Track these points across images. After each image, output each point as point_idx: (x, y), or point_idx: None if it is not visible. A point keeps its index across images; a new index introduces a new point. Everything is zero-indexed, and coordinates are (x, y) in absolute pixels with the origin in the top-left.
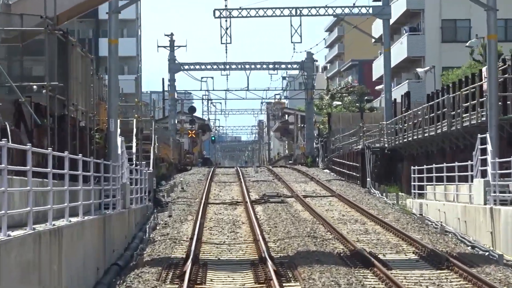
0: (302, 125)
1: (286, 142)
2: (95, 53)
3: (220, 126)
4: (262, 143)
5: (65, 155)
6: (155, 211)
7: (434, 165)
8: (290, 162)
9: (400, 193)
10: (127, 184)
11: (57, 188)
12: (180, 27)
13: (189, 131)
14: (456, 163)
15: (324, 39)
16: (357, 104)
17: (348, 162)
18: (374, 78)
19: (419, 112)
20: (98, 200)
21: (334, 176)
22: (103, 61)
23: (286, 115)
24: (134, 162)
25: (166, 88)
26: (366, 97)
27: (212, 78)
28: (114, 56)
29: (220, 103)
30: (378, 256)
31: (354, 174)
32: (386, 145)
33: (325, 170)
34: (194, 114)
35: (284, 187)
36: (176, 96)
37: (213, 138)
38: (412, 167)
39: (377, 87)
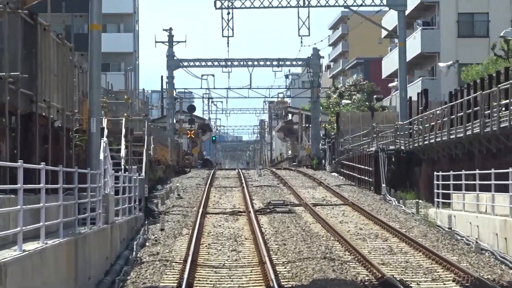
0: (307, 125)
1: (289, 142)
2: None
3: (221, 126)
4: (264, 143)
5: (19, 165)
6: (146, 222)
7: (463, 171)
8: (294, 163)
9: (417, 200)
10: (110, 194)
11: (11, 209)
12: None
13: (188, 131)
14: (493, 170)
15: (328, 36)
16: (367, 103)
17: (359, 166)
18: (384, 76)
19: (438, 112)
20: (72, 216)
21: (344, 180)
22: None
23: (290, 115)
24: (123, 167)
25: (165, 86)
26: (375, 96)
27: (213, 75)
28: (97, 43)
29: (221, 102)
30: (412, 286)
31: (366, 178)
32: (402, 147)
33: (333, 174)
34: (194, 113)
35: (290, 193)
36: (175, 95)
37: (214, 138)
38: (436, 173)
39: (390, 84)
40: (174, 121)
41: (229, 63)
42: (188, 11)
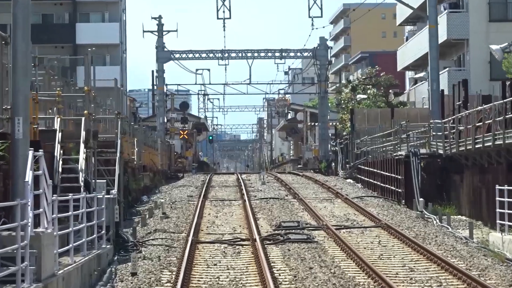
0: (313, 124)
1: (292, 142)
2: (72, 40)
3: (218, 125)
4: (264, 142)
5: None
6: (115, 259)
7: None
8: (299, 166)
9: (458, 216)
10: (46, 234)
11: None
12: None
13: (181, 132)
14: None
15: (329, 32)
16: (383, 98)
17: (382, 172)
18: (399, 68)
19: (488, 109)
20: None
21: (364, 190)
22: (81, 49)
23: (291, 113)
24: (82, 183)
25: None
26: (393, 90)
27: (209, 70)
28: (23, 7)
29: (218, 99)
30: None
31: (393, 188)
32: (440, 152)
33: (349, 181)
34: (187, 111)
35: (304, 208)
36: (166, 90)
37: (210, 137)
38: (499, 186)
39: (417, 75)
40: (165, 120)
41: (226, 54)
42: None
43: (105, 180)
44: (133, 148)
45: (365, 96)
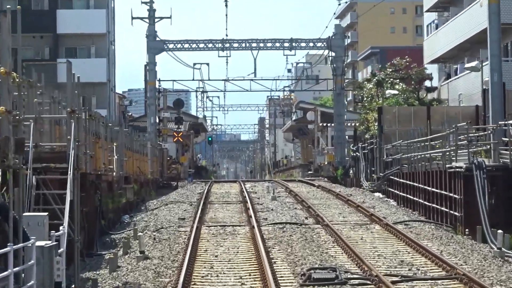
0: (325, 125)
1: (299, 145)
2: (52, 29)
3: (218, 125)
4: (266, 144)
5: None
6: None
7: None
8: (309, 173)
9: None
10: None
11: None
12: None
13: (175, 133)
14: None
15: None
16: (414, 95)
17: (427, 188)
18: (427, 60)
19: None
20: None
21: (399, 207)
22: (62, 40)
23: (298, 112)
24: None
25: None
26: (424, 86)
27: (208, 64)
28: None
29: (218, 97)
30: None
31: (444, 209)
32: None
33: (377, 195)
34: (183, 110)
35: (334, 240)
36: (159, 86)
37: (209, 139)
38: None
39: (467, 65)
40: (157, 121)
41: (227, 45)
42: None
43: (46, 214)
44: (112, 155)
45: (396, 92)
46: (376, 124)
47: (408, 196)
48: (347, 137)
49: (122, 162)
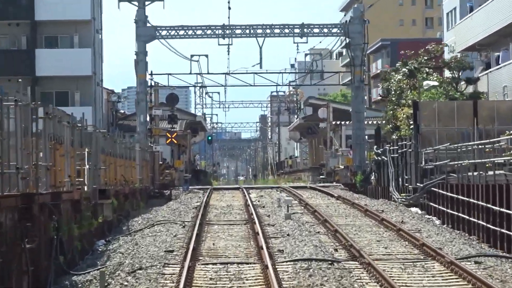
0: (338, 123)
1: (307, 144)
2: (30, 16)
3: (219, 123)
4: (269, 142)
5: None
6: None
7: None
8: (321, 178)
9: None
10: None
11: None
12: None
13: (168, 134)
14: None
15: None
16: (452, 87)
17: (492, 208)
18: (460, 49)
19: None
20: None
21: (449, 229)
22: (41, 27)
23: (305, 109)
24: None
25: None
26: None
27: (207, 56)
28: None
29: (218, 92)
30: None
31: None
32: None
33: (414, 210)
34: (179, 107)
35: None
36: (150, 79)
37: (209, 138)
38: None
39: None
40: (147, 119)
41: (228, 31)
42: None
43: None
44: (83, 164)
45: (436, 83)
46: (408, 122)
47: (459, 214)
48: (366, 137)
49: (97, 172)
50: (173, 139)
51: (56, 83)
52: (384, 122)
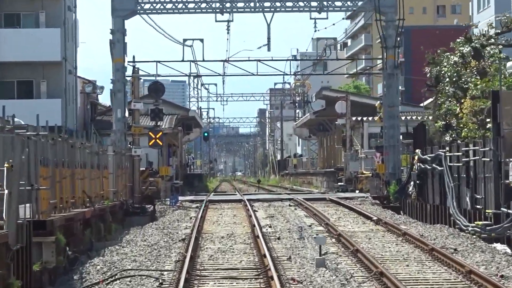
0: (360, 119)
1: (317, 142)
2: None
3: (216, 117)
4: (269, 139)
5: None
6: None
7: None
8: (339, 185)
9: None
10: None
11: None
12: None
13: (151, 133)
14: None
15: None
16: None
17: None
18: None
19: None
20: None
21: None
22: (0, 3)
23: (316, 102)
24: None
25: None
26: None
27: (202, 41)
28: None
29: (215, 84)
30: None
31: None
32: None
33: (500, 248)
34: (169, 100)
35: None
36: (133, 65)
37: (205, 134)
38: None
39: None
40: (126, 114)
41: (227, 4)
42: None
43: None
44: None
45: None
46: (476, 119)
47: None
48: (400, 137)
49: (35, 193)
50: (157, 140)
51: (18, 70)
52: (431, 118)
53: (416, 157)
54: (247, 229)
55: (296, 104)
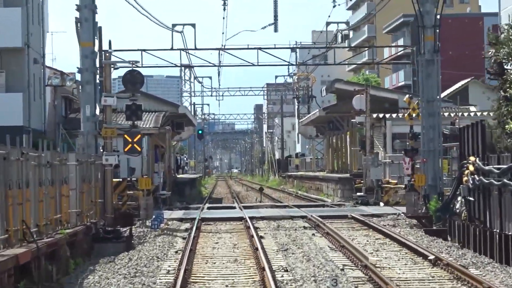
0: (381, 116)
1: (324, 142)
2: None
3: (211, 114)
4: (268, 137)
5: None
6: None
7: None
8: (358, 196)
9: None
10: None
11: None
12: None
13: (127, 136)
14: None
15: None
16: None
17: None
18: None
19: None
20: None
21: None
22: None
23: (325, 96)
24: None
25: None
26: None
27: (194, 26)
28: None
29: (210, 77)
30: None
31: None
32: None
33: None
34: (157, 95)
35: None
36: (109, 52)
37: (200, 132)
38: None
39: None
40: (98, 112)
41: None
42: None
43: None
44: None
45: None
46: None
47: None
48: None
49: None
50: (135, 145)
51: None
52: (495, 116)
53: (470, 167)
54: (254, 273)
55: (300, 99)
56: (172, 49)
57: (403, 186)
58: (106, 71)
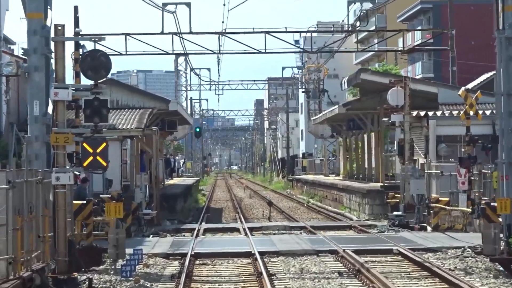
0: (423, 115)
1: (341, 143)
2: None
3: (210, 110)
4: (270, 134)
5: None
6: None
7: None
8: (396, 215)
9: None
10: None
11: None
12: None
13: (86, 145)
14: None
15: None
16: None
17: None
18: None
19: None
20: None
21: None
22: None
23: (345, 90)
24: None
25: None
26: None
27: (188, 5)
28: None
29: (209, 69)
30: None
31: None
32: None
33: None
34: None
35: None
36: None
37: (197, 129)
38: None
39: None
40: (50, 110)
41: None
42: None
43: None
44: None
45: None
46: None
47: None
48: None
49: None
50: (99, 158)
51: None
52: None
53: None
54: None
55: (310, 93)
56: (162, 33)
57: (462, 208)
58: (58, 52)
